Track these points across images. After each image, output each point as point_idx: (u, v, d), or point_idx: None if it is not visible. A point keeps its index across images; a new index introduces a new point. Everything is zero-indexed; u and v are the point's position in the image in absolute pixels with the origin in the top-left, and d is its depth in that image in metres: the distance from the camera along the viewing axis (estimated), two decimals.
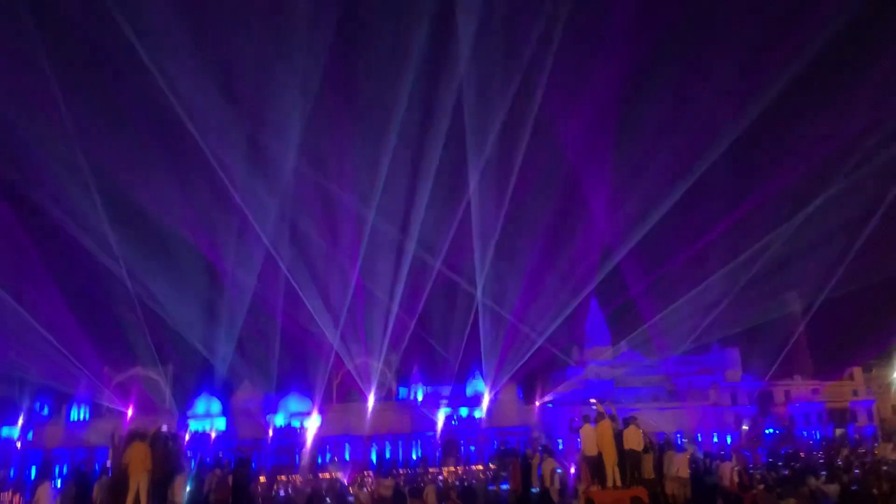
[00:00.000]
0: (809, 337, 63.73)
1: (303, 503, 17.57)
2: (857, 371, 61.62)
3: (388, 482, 20.71)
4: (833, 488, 17.61)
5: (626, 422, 17.03)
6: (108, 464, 17.25)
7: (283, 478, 31.53)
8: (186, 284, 41.84)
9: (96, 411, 50.65)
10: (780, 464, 29.92)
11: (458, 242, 43.74)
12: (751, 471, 23.58)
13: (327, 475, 32.31)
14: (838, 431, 54.65)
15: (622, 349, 63.10)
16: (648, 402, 52.32)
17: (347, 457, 46.54)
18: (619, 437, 16.45)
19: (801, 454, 35.96)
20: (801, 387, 60.81)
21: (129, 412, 35.35)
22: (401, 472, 31.62)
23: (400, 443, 51.71)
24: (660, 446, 19.53)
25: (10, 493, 30.88)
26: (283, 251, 41.39)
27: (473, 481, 24.25)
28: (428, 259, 43.88)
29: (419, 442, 51.85)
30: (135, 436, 15.15)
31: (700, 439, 42.14)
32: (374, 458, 47.68)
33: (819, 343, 62.29)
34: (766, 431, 54.74)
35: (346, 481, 27.54)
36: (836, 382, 61.32)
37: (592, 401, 18.93)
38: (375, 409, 49.84)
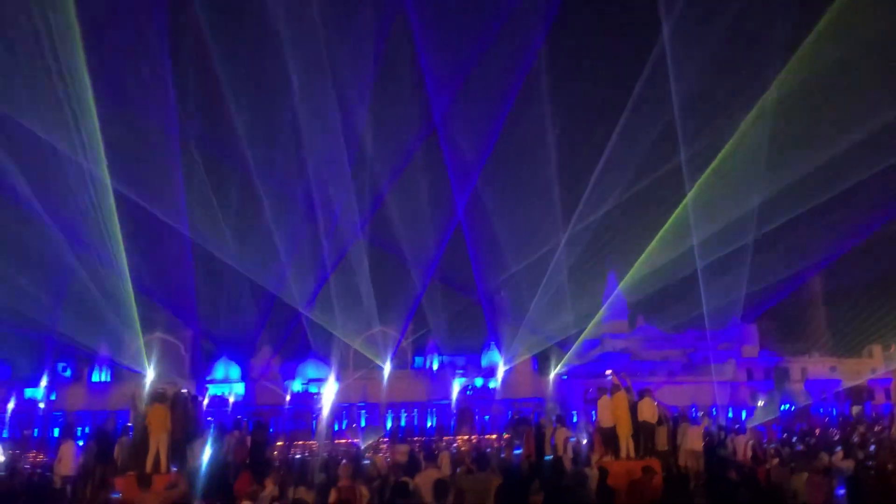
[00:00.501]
0: (828, 314, 63.39)
1: (319, 467, 17.80)
2: (875, 348, 61.24)
3: (404, 448, 20.98)
4: (847, 463, 17.60)
5: (641, 394, 17.13)
6: (129, 424, 17.57)
7: (300, 442, 31.99)
8: (206, 250, 42.13)
9: (117, 374, 51.52)
10: (794, 439, 29.90)
11: (477, 216, 43.79)
12: (765, 445, 23.60)
13: (343, 441, 32.78)
14: (855, 409, 54.43)
15: (639, 322, 63.18)
16: (664, 376, 52.39)
17: (363, 423, 47.11)
18: (633, 408, 16.54)
19: (817, 431, 35.90)
20: (818, 363, 60.56)
21: (149, 375, 35.82)
22: (416, 439, 31.94)
23: (415, 411, 52.26)
24: (674, 419, 19.63)
25: (35, 453, 31.67)
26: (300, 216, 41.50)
27: (488, 449, 24.50)
28: (445, 231, 43.90)
29: (434, 411, 52.36)
30: (155, 397, 15.42)
31: (715, 414, 42.12)
32: (389, 425, 48.23)
33: (838, 320, 61.91)
34: (782, 408, 54.67)
35: (361, 447, 27.92)
36: (853, 359, 61.03)
37: (608, 372, 18.95)
38: (391, 378, 50.26)
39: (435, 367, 57.66)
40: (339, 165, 39.39)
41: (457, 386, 52.32)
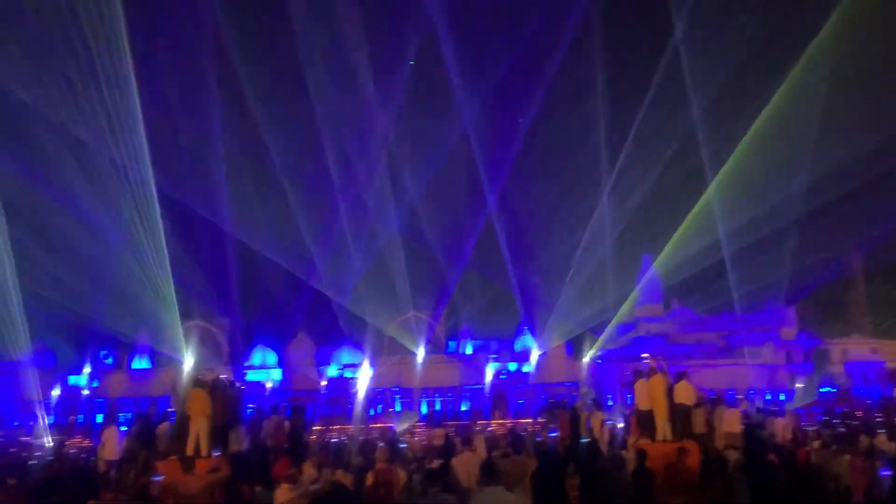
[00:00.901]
0: (869, 295, 62.09)
1: (356, 451, 18.00)
2: None
3: (439, 432, 21.12)
4: (890, 446, 17.31)
5: (678, 377, 17.02)
6: (171, 410, 17.92)
7: (336, 427, 32.35)
8: (243, 240, 42.75)
9: (156, 361, 52.51)
10: (835, 422, 29.49)
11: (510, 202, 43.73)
12: (805, 428, 23.31)
13: (379, 425, 33.07)
14: None
15: (674, 306, 62.51)
16: (700, 359, 51.83)
17: (398, 408, 47.45)
18: (670, 391, 16.44)
19: (858, 413, 35.33)
20: (859, 345, 59.38)
21: (188, 362, 36.50)
22: (451, 423, 32.11)
23: (449, 396, 52.45)
24: (711, 401, 19.47)
25: (79, 438, 32.52)
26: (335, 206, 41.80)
27: (523, 433, 24.53)
28: (480, 217, 43.89)
29: (468, 395, 52.49)
30: (195, 383, 15.69)
31: (752, 396, 41.63)
32: (423, 410, 48.50)
33: (879, 301, 60.63)
34: (821, 390, 53.79)
35: (397, 430, 28.15)
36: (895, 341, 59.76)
37: (645, 355, 18.89)
38: (425, 363, 50.47)
39: (468, 352, 57.75)
40: (377, 158, 39.67)
41: (490, 371, 52.34)
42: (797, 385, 52.99)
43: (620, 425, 20.75)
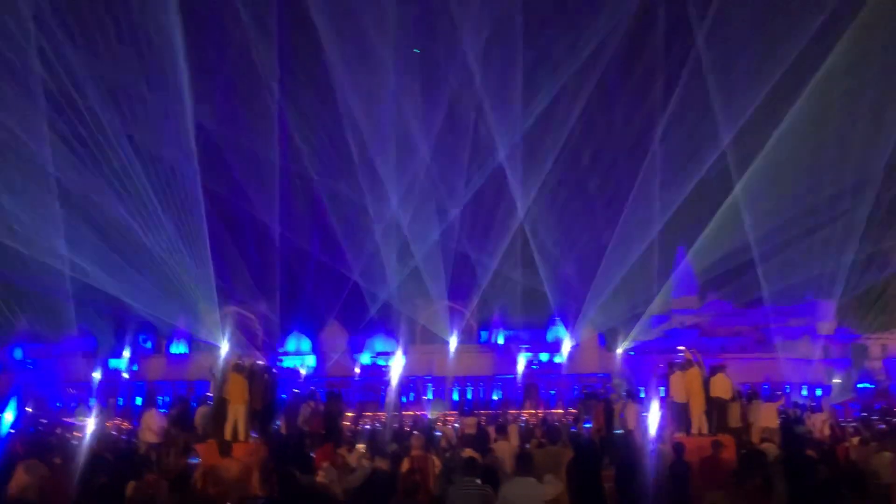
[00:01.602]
0: None
1: (389, 437, 18.19)
2: None
3: (471, 421, 21.20)
4: None
5: (714, 370, 16.92)
6: (209, 394, 18.26)
7: (369, 413, 32.64)
8: (280, 227, 43.30)
9: (194, 346, 53.42)
10: (874, 418, 29.00)
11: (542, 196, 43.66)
12: (843, 424, 22.96)
13: (410, 413, 33.31)
14: None
15: (709, 298, 61.78)
16: (735, 352, 51.22)
17: (430, 396, 47.73)
18: (706, 384, 16.35)
19: None
20: None
21: (224, 348, 37.08)
22: (482, 412, 32.21)
23: (481, 385, 52.58)
24: (747, 395, 19.31)
25: (120, 420, 33.26)
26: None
27: (556, 423, 24.52)
28: (512, 210, 43.86)
29: (500, 385, 52.57)
30: (234, 368, 15.97)
31: (789, 391, 41.10)
32: (455, 398, 48.71)
33: None
34: (859, 386, 52.86)
35: (430, 418, 28.34)
36: None
37: (681, 348, 18.74)
38: (457, 352, 50.64)
39: (500, 341, 57.78)
40: (412, 155, 39.93)
41: (522, 361, 52.32)
42: (834, 380, 52.14)
43: (655, 417, 20.65)
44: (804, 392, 47.96)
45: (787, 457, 12.86)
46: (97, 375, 48.75)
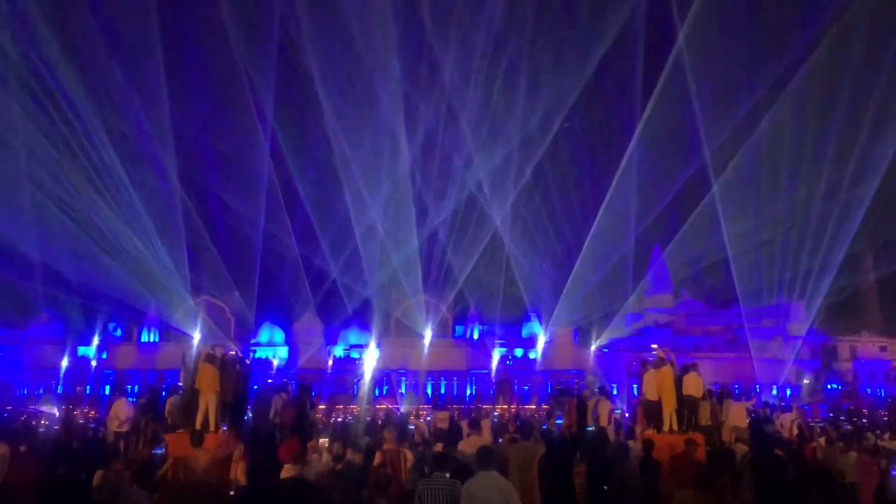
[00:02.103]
0: (880, 293, 61.82)
1: (361, 430, 18.08)
2: None
3: (444, 415, 21.18)
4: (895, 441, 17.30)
5: (686, 368, 17.01)
6: (180, 383, 18.03)
7: (341, 406, 32.49)
8: (253, 216, 42.90)
9: (165, 335, 52.85)
10: (841, 419, 29.45)
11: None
12: (811, 424, 23.26)
13: (384, 406, 33.19)
14: None
15: (683, 297, 62.36)
16: (708, 352, 51.77)
17: (404, 390, 47.64)
18: (678, 383, 16.44)
19: (864, 411, 35.25)
20: (868, 343, 59.18)
21: (196, 337, 36.73)
22: (455, 406, 32.21)
23: (455, 379, 52.60)
24: (718, 394, 19.47)
25: (87, 408, 32.79)
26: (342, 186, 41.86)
27: (529, 418, 24.59)
28: (487, 204, 43.85)
29: (473, 380, 52.64)
30: (206, 358, 15.77)
31: (759, 391, 41.60)
32: (429, 392, 48.70)
33: (890, 299, 60.34)
34: (828, 387, 53.69)
35: (403, 412, 28.26)
36: None
37: (654, 346, 18.85)
38: (432, 346, 50.61)
39: (475, 336, 57.86)
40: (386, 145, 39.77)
41: (496, 356, 52.44)
42: (804, 381, 52.90)
43: (627, 414, 20.80)
44: (774, 392, 48.61)
45: (756, 456, 12.97)
46: (65, 363, 48.09)
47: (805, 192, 41.33)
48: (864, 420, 28.99)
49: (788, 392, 48.99)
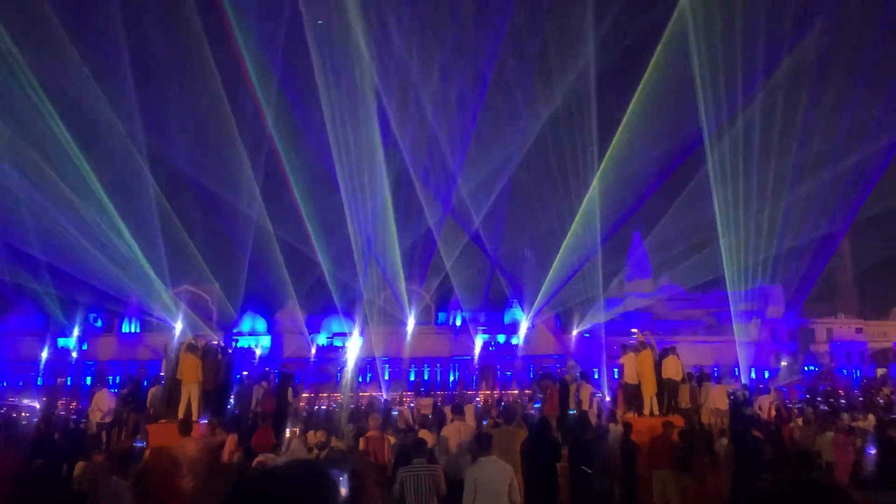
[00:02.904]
0: (856, 275, 62.71)
1: (345, 418, 18.13)
2: None
3: (427, 401, 21.30)
4: (869, 424, 17.61)
5: (665, 352, 17.16)
6: (162, 374, 17.96)
7: (325, 395, 32.51)
8: (233, 205, 42.61)
9: (146, 325, 52.53)
10: (818, 400, 29.91)
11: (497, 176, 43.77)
12: (789, 405, 23.60)
13: (367, 393, 33.29)
14: (879, 371, 54.10)
15: (662, 282, 62.88)
16: (687, 335, 52.30)
17: (387, 377, 47.75)
18: (657, 366, 16.59)
19: (841, 392, 35.82)
20: (843, 325, 60.10)
21: (178, 327, 36.49)
22: (438, 393, 32.35)
23: (438, 366, 52.81)
24: (697, 377, 19.69)
25: (68, 400, 32.52)
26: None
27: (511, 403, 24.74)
28: (473, 192, 43.88)
29: (456, 366, 52.87)
30: (187, 348, 15.71)
31: (738, 374, 42.12)
32: (412, 379, 48.81)
33: (865, 282, 61.30)
34: (806, 369, 54.47)
35: (386, 399, 28.34)
36: (880, 322, 60.48)
37: (634, 330, 18.99)
38: (415, 333, 50.72)
39: (458, 323, 58.04)
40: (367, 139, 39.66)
41: (479, 342, 52.67)
42: (782, 363, 53.66)
43: (608, 398, 20.99)
44: (752, 374, 49.27)
45: (735, 437, 13.18)
46: (45, 354, 47.67)
47: (781, 175, 41.72)
48: (841, 401, 29.48)
49: (767, 374, 49.70)
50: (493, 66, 40.04)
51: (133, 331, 54.12)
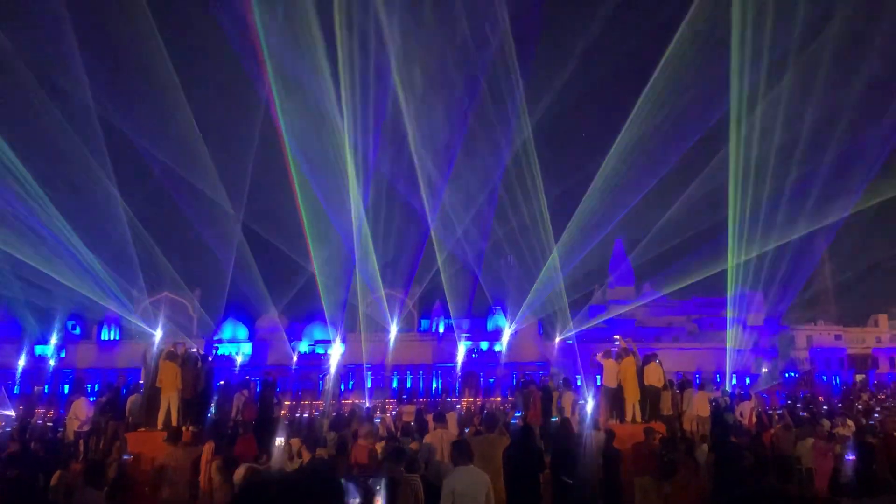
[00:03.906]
0: (835, 283, 63.32)
1: (327, 426, 18.01)
2: (881, 317, 61.28)
3: (410, 408, 21.25)
4: (849, 430, 17.73)
5: (647, 359, 17.20)
6: (141, 382, 17.74)
7: (307, 402, 32.33)
8: (213, 211, 42.35)
9: (126, 333, 51.99)
10: (798, 406, 30.13)
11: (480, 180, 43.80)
12: (769, 411, 23.74)
13: (349, 401, 33.12)
14: (859, 377, 54.67)
15: (645, 289, 63.20)
16: (669, 342, 52.59)
17: (369, 384, 47.58)
18: (639, 373, 16.64)
19: (820, 398, 36.11)
20: (823, 332, 60.68)
21: (157, 334, 36.17)
22: (421, 400, 32.26)
23: (421, 373, 52.67)
24: (679, 384, 19.76)
25: (46, 408, 32.09)
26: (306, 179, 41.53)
27: (494, 411, 24.71)
28: (455, 197, 43.90)
29: (439, 373, 52.76)
30: (166, 356, 15.54)
31: (719, 380, 42.38)
32: (395, 386, 48.66)
33: (845, 289, 61.94)
34: (786, 375, 54.92)
35: (368, 407, 28.20)
36: (859, 328, 61.13)
37: (616, 337, 19.07)
38: (397, 341, 50.59)
39: (441, 330, 57.96)
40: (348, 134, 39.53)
41: (462, 349, 52.62)
42: (763, 369, 54.06)
43: (591, 405, 21.01)
44: (734, 381, 49.58)
45: (716, 443, 13.22)
46: (21, 362, 47.02)
47: (762, 180, 42.12)
48: (824, 407, 29.71)
49: (747, 380, 50.02)
50: (482, 77, 40.25)
51: (112, 338, 53.51)
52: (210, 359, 19.19)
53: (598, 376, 19.27)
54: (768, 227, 43.26)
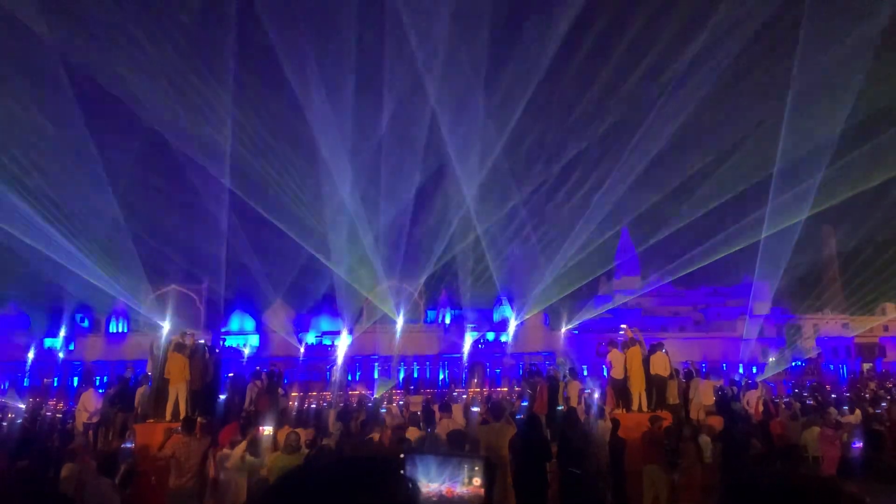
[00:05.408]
0: (842, 271, 63.10)
1: (334, 417, 18.09)
2: (889, 306, 61.03)
3: (417, 399, 21.30)
4: (856, 418, 17.73)
5: (653, 348, 17.20)
6: (149, 374, 17.82)
7: (315, 393, 32.40)
8: (220, 204, 42.44)
9: (134, 325, 52.20)
10: (805, 394, 30.10)
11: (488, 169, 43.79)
12: (776, 400, 23.73)
13: (356, 392, 33.21)
14: (866, 366, 54.53)
15: (651, 279, 63.11)
16: (675, 332, 52.53)
17: (376, 375, 47.69)
18: (645, 362, 16.64)
19: (827, 387, 36.05)
20: (830, 321, 60.49)
21: (165, 327, 36.30)
22: (428, 391, 32.33)
23: (427, 364, 52.76)
24: (685, 373, 19.76)
25: (55, 400, 32.29)
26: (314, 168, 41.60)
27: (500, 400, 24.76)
28: (461, 185, 43.87)
29: (446, 364, 52.85)
30: (175, 347, 15.60)
31: (725, 369, 42.34)
32: (401, 377, 48.77)
33: (852, 277, 61.63)
34: (793, 364, 54.81)
35: (375, 397, 28.30)
36: (866, 317, 60.90)
37: (623, 326, 19.06)
38: (404, 331, 50.68)
39: (447, 321, 58.04)
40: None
41: (469, 340, 52.69)
42: (769, 358, 53.95)
43: (597, 394, 21.02)
44: (740, 370, 49.54)
45: (723, 432, 13.24)
46: (31, 355, 47.30)
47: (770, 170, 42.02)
48: (832, 395, 29.67)
49: (755, 369, 49.96)
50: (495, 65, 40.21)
51: (120, 330, 53.77)
52: (217, 350, 19.27)
53: (605, 366, 19.29)
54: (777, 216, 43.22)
